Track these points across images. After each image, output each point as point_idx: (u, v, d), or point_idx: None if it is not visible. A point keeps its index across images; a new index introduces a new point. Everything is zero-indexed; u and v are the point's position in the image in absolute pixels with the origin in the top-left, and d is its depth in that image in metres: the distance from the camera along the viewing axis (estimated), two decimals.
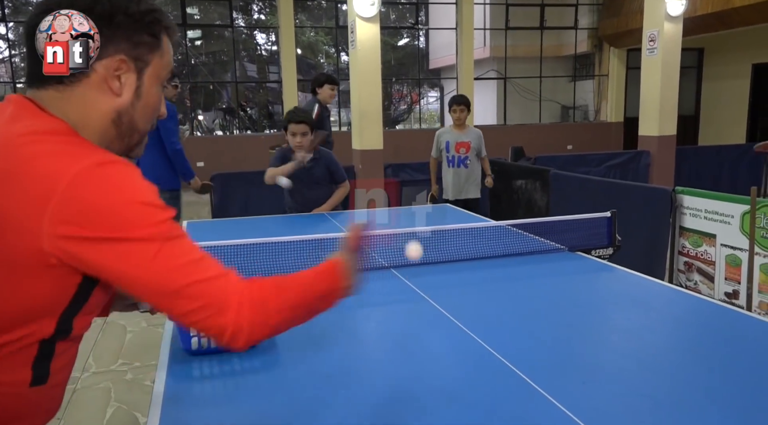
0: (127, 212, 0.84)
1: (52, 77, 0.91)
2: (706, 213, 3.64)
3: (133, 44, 0.94)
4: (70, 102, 0.92)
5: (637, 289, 2.02)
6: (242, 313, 0.88)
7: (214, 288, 0.88)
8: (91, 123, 0.94)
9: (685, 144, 10.53)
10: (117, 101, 0.95)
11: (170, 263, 0.86)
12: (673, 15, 7.54)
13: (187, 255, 0.89)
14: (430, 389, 1.29)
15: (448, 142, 4.79)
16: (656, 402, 1.21)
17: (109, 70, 0.93)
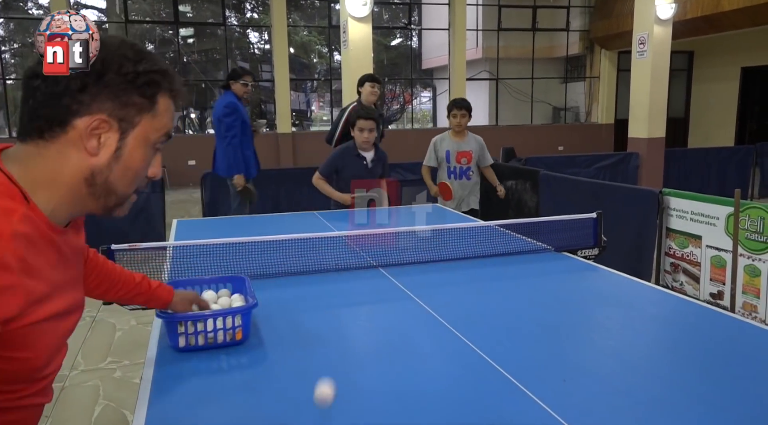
0: None
1: (33, 128, 0.89)
2: (692, 214, 3.68)
3: (120, 104, 0.91)
4: (43, 157, 0.90)
5: (620, 289, 2.05)
6: None
7: None
8: (59, 178, 0.90)
9: (675, 146, 10.63)
10: (92, 160, 0.91)
11: None
12: (663, 18, 7.61)
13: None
14: (415, 387, 1.31)
15: (449, 151, 4.32)
16: (635, 400, 1.23)
17: (86, 128, 0.89)
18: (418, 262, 2.30)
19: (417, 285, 2.03)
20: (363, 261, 2.30)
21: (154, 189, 5.66)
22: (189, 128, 12.56)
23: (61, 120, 0.88)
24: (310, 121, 14.34)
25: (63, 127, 0.88)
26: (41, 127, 0.88)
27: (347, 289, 2.09)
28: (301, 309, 1.85)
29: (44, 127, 0.88)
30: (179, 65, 11.68)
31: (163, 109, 0.96)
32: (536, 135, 12.72)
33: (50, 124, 0.88)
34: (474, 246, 2.43)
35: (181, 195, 9.25)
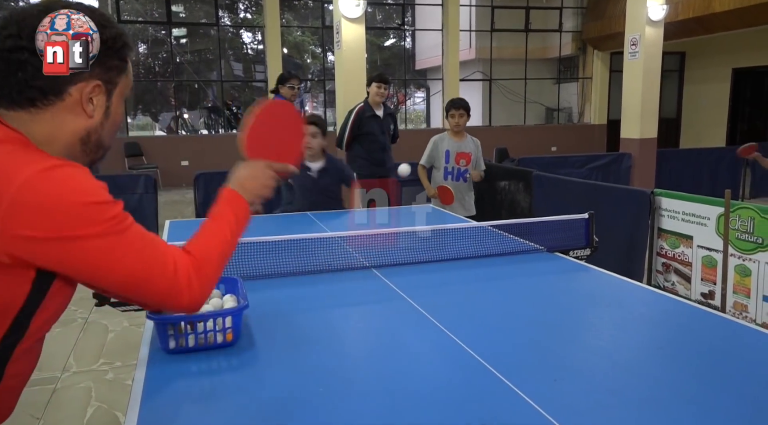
0: (78, 212, 0.90)
1: (24, 99, 0.95)
2: (684, 215, 3.71)
3: (106, 69, 1.00)
4: (38, 122, 0.97)
5: (612, 289, 2.06)
6: (193, 290, 1.03)
7: (170, 273, 1.00)
8: (57, 140, 0.98)
9: (667, 146, 10.69)
10: (89, 122, 1.01)
11: (126, 255, 0.95)
12: (655, 19, 7.66)
13: (139, 244, 0.98)
14: (407, 387, 1.32)
15: (449, 151, 4.24)
16: (626, 400, 1.24)
17: (84, 94, 0.98)
18: (410, 263, 2.31)
19: (409, 286, 2.03)
20: (356, 262, 2.30)
21: (147, 189, 5.64)
22: (182, 129, 12.52)
23: (58, 89, 0.96)
24: None
25: (59, 95, 0.96)
26: (33, 97, 0.95)
27: (340, 290, 2.09)
28: (293, 310, 1.85)
29: (37, 96, 0.95)
30: (172, 66, 11.65)
31: (130, 67, 1.07)
32: (529, 135, 12.77)
33: (45, 94, 0.95)
34: (467, 247, 2.44)
35: (174, 195, 9.22)
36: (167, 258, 1.00)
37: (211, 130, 12.58)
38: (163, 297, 1.01)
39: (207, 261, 1.06)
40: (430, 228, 2.54)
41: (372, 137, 4.90)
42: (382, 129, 4.95)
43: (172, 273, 1.00)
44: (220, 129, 12.19)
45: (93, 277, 0.95)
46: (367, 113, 4.89)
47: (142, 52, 12.54)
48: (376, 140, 4.91)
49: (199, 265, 1.04)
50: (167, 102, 12.40)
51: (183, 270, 1.01)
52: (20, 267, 0.89)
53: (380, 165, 4.88)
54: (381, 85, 4.84)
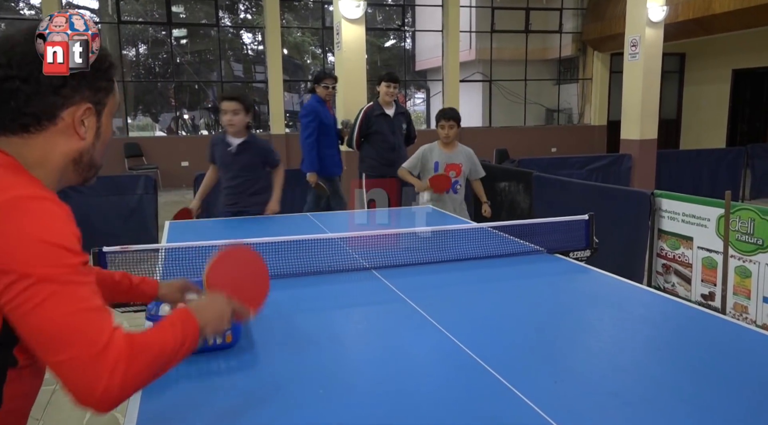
0: (33, 248, 0.86)
1: (18, 125, 0.96)
2: (684, 216, 3.71)
3: (95, 90, 1.01)
4: (30, 146, 0.97)
5: (612, 291, 2.06)
6: (114, 379, 0.87)
7: (99, 346, 0.87)
8: (49, 162, 0.99)
9: (667, 147, 10.69)
10: (81, 144, 1.02)
11: (61, 308, 0.86)
12: (655, 20, 7.66)
13: (84, 302, 0.89)
14: (407, 389, 1.31)
15: (437, 162, 4.03)
16: (625, 401, 1.24)
17: (76, 118, 0.99)
18: (410, 264, 2.30)
19: (409, 287, 2.03)
20: (356, 263, 2.30)
21: (147, 190, 5.64)
22: (182, 129, 12.52)
23: (50, 114, 0.97)
24: None
25: (52, 120, 0.97)
26: (27, 123, 0.96)
27: (339, 291, 2.09)
28: (293, 311, 1.85)
29: (31, 123, 0.96)
30: (173, 66, 11.65)
31: (116, 86, 1.08)
32: (529, 136, 12.77)
33: (38, 120, 0.96)
34: (466, 248, 2.43)
35: (173, 196, 9.21)
36: (104, 332, 0.88)
37: (212, 131, 12.58)
38: (79, 372, 0.86)
39: (142, 356, 0.92)
40: (431, 230, 2.54)
41: (381, 136, 4.84)
42: (392, 128, 4.87)
43: (101, 348, 0.87)
44: (221, 129, 12.18)
45: (21, 321, 0.86)
46: (376, 112, 4.83)
47: (143, 53, 12.55)
48: (385, 140, 4.84)
49: (133, 355, 0.90)
50: (167, 102, 12.40)
51: (114, 351, 0.88)
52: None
53: (390, 165, 4.72)
54: (390, 85, 4.78)
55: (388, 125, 4.86)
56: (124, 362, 0.88)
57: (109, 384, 0.86)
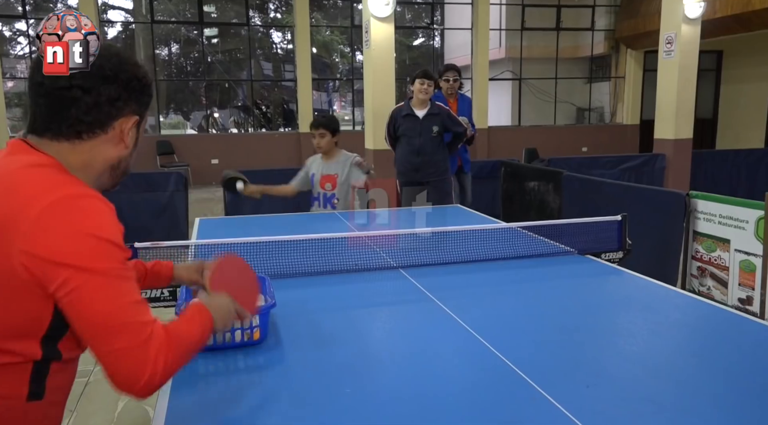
0: (87, 244, 0.93)
1: (73, 132, 1.03)
2: (721, 218, 3.60)
3: (140, 104, 1.11)
4: (78, 152, 1.05)
5: (645, 293, 2.00)
6: (157, 366, 0.96)
7: (145, 336, 0.96)
8: (91, 168, 1.07)
9: (702, 147, 10.41)
10: (124, 151, 1.11)
11: (111, 301, 0.94)
12: (692, 17, 7.46)
13: (131, 295, 0.98)
14: (433, 390, 1.30)
15: (314, 174, 3.70)
16: (660, 408, 1.20)
17: (125, 129, 1.08)
18: (438, 264, 2.28)
19: (437, 287, 2.01)
20: (383, 262, 2.29)
21: (178, 187, 5.72)
22: (212, 127, 12.69)
23: (105, 124, 1.06)
24: None
25: (104, 129, 1.06)
26: (81, 131, 1.04)
27: (367, 290, 2.08)
28: (320, 309, 1.85)
29: (84, 130, 1.04)
30: (204, 65, 11.81)
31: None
32: (559, 135, 12.58)
33: (92, 128, 1.04)
34: (495, 248, 2.40)
35: (203, 194, 9.34)
36: (147, 324, 0.97)
37: (241, 129, 12.73)
38: (127, 360, 0.94)
39: (178, 345, 1.01)
40: (458, 229, 2.51)
41: (406, 139, 4.47)
42: (419, 131, 4.41)
43: (145, 339, 0.95)
44: (250, 128, 12.32)
45: (75, 311, 0.94)
46: (403, 112, 4.47)
47: (175, 52, 12.75)
48: (409, 142, 4.44)
49: (171, 345, 0.99)
50: (198, 101, 12.58)
51: (156, 341, 0.97)
52: (39, 288, 0.93)
53: (416, 170, 4.43)
54: (424, 81, 4.34)
55: (415, 127, 4.44)
56: (164, 351, 0.97)
57: (153, 372, 0.95)
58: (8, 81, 11.20)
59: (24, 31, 10.90)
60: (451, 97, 4.98)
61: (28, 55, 10.80)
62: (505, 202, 6.49)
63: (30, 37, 10.60)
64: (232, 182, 3.62)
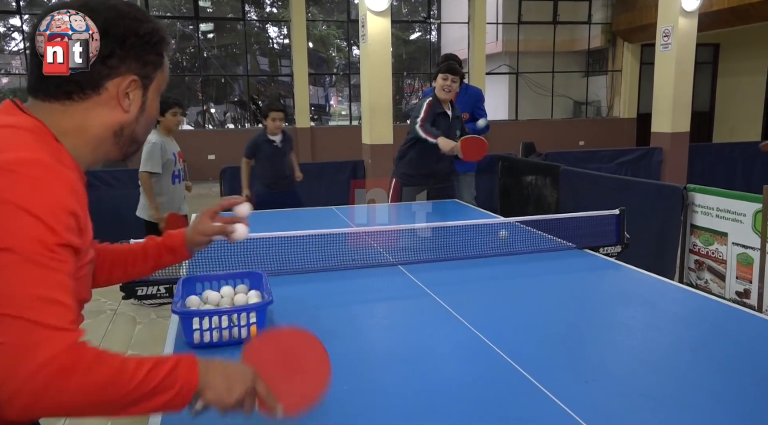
0: (7, 215, 0.78)
1: (62, 92, 0.94)
2: (718, 211, 3.60)
3: (143, 64, 0.99)
4: (70, 114, 0.96)
5: (644, 288, 2.00)
6: (38, 378, 0.74)
7: (33, 335, 0.76)
8: (86, 132, 0.97)
9: (699, 141, 10.42)
10: (124, 116, 1.00)
11: (13, 285, 0.77)
12: (688, 10, 7.44)
13: (40, 288, 0.78)
14: (432, 386, 1.29)
15: (174, 153, 3.95)
16: (659, 403, 1.20)
17: (120, 89, 0.98)
18: (436, 259, 2.28)
19: (436, 283, 2.01)
20: (381, 258, 2.28)
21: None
22: (209, 123, 12.64)
23: (95, 84, 0.95)
24: (329, 115, 14.34)
25: (96, 89, 0.96)
26: (70, 90, 0.94)
27: (365, 286, 2.07)
28: (318, 305, 1.84)
29: (74, 90, 0.94)
30: (199, 60, 11.76)
31: (166, 62, 1.05)
32: (556, 129, 12.58)
33: (82, 88, 0.95)
34: (494, 244, 2.40)
35: (200, 189, 9.31)
36: (46, 327, 0.77)
37: (237, 125, 12.69)
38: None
39: (83, 375, 0.77)
40: (457, 224, 2.51)
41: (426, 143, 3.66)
42: (446, 133, 3.67)
43: (34, 344, 0.75)
44: (247, 123, 12.28)
45: None
46: (437, 109, 3.74)
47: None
48: (433, 145, 3.59)
49: (72, 369, 0.77)
50: (194, 96, 12.52)
51: (49, 353, 0.75)
52: None
53: (430, 176, 3.84)
54: (447, 76, 3.68)
55: (443, 129, 3.72)
56: (53, 370, 0.75)
57: (22, 388, 0.74)
58: (3, 77, 11.15)
59: (18, 26, 10.83)
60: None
61: (22, 51, 10.72)
62: (502, 196, 6.49)
63: (24, 32, 10.53)
64: None
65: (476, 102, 4.71)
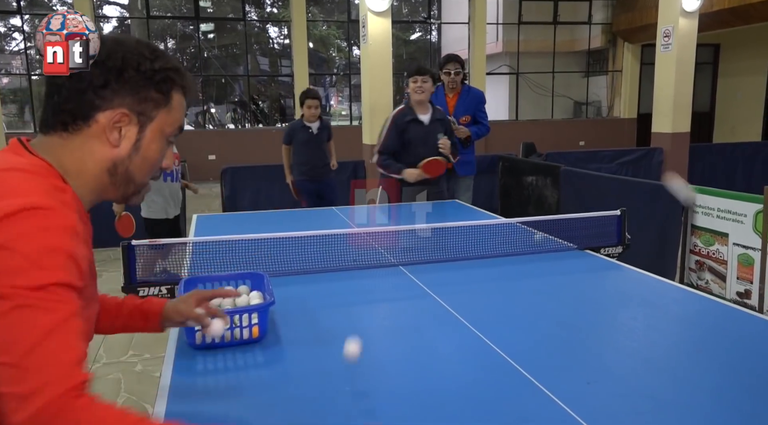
0: (3, 259, 0.78)
1: (58, 122, 0.94)
2: (719, 211, 3.60)
3: (139, 99, 0.96)
4: (69, 149, 0.95)
5: (644, 288, 2.00)
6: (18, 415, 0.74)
7: (28, 384, 0.75)
8: (86, 170, 0.96)
9: (699, 141, 10.42)
10: (114, 152, 0.97)
11: (7, 333, 0.76)
12: (689, 10, 7.44)
13: (33, 333, 0.76)
14: (433, 387, 1.29)
15: None
16: (660, 404, 1.20)
17: (109, 122, 0.95)
18: (438, 260, 2.28)
19: (437, 283, 2.01)
20: (382, 259, 2.28)
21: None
22: (209, 123, 12.64)
23: (85, 114, 0.94)
24: (329, 115, 14.35)
25: (86, 121, 0.94)
26: (65, 121, 0.94)
27: (366, 287, 2.07)
28: (319, 306, 1.84)
29: (68, 121, 0.94)
30: (200, 61, 11.76)
31: (177, 105, 1.02)
32: (557, 130, 12.57)
33: (74, 118, 0.94)
34: (494, 244, 2.40)
35: (201, 189, 9.30)
36: (44, 373, 0.75)
37: (238, 125, 12.68)
38: None
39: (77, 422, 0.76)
40: (457, 225, 2.51)
41: (411, 149, 3.63)
42: (425, 139, 3.62)
43: (30, 391, 0.74)
44: (247, 123, 12.28)
45: None
46: (406, 117, 3.67)
47: (171, 47, 12.68)
48: (415, 153, 3.58)
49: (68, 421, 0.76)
50: (195, 96, 12.52)
51: (46, 399, 0.74)
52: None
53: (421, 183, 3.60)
54: (417, 79, 3.62)
55: (418, 135, 3.65)
56: (48, 416, 0.74)
57: None
58: (3, 77, 11.15)
59: (19, 26, 10.83)
60: (452, 93, 4.43)
61: (23, 50, 10.72)
62: (503, 197, 6.49)
63: (25, 32, 10.53)
64: None
65: (478, 104, 4.56)
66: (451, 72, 4.39)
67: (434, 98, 3.95)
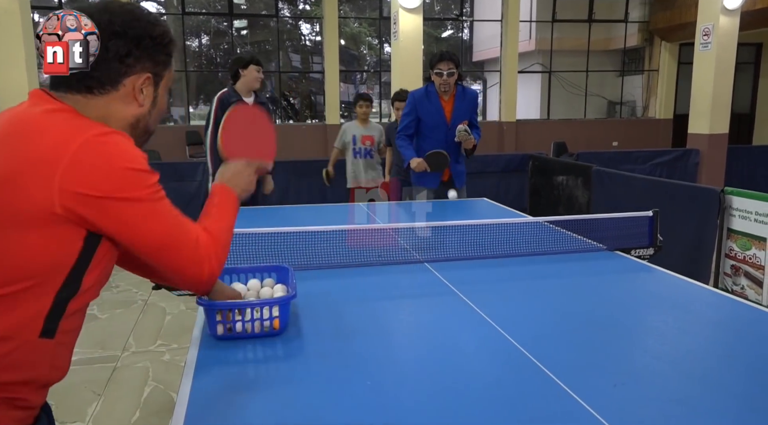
0: (126, 176, 1.00)
1: (83, 86, 1.05)
2: (757, 215, 3.49)
3: (155, 63, 1.12)
4: (92, 106, 1.07)
5: (676, 291, 1.95)
6: (212, 263, 1.14)
7: (194, 243, 1.11)
8: (109, 123, 1.07)
9: (739, 143, 10.13)
10: (139, 110, 1.13)
11: (161, 221, 1.06)
12: (730, 8, 7.23)
13: (171, 213, 1.08)
14: (456, 385, 1.28)
15: (355, 136, 5.14)
16: (690, 409, 1.16)
17: (136, 86, 1.10)
18: (463, 258, 2.25)
19: (462, 281, 1.99)
20: (407, 255, 2.27)
21: (206, 177, 5.79)
22: None
23: (114, 80, 1.07)
24: None
25: (115, 85, 1.07)
26: (91, 85, 1.05)
27: (390, 282, 2.06)
28: (342, 300, 1.84)
29: (94, 86, 1.06)
30: (233, 56, 11.90)
31: (173, 61, 1.19)
32: (589, 129, 12.35)
33: (102, 84, 1.06)
34: (522, 243, 2.36)
35: None
36: (191, 232, 1.11)
37: None
38: (187, 266, 1.11)
39: (220, 241, 1.18)
40: (485, 223, 2.48)
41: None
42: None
43: (195, 244, 1.11)
44: (278, 119, 12.39)
45: (130, 238, 1.03)
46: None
47: (205, 44, 12.88)
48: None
49: (215, 242, 1.15)
50: None
51: (203, 243, 1.12)
52: (73, 223, 0.98)
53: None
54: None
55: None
56: (212, 248, 1.14)
57: (210, 270, 1.14)
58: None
59: None
60: (446, 95, 3.72)
61: None
62: (532, 196, 6.41)
63: None
64: None
65: (474, 106, 4.01)
66: (443, 72, 3.62)
67: (426, 101, 3.72)
